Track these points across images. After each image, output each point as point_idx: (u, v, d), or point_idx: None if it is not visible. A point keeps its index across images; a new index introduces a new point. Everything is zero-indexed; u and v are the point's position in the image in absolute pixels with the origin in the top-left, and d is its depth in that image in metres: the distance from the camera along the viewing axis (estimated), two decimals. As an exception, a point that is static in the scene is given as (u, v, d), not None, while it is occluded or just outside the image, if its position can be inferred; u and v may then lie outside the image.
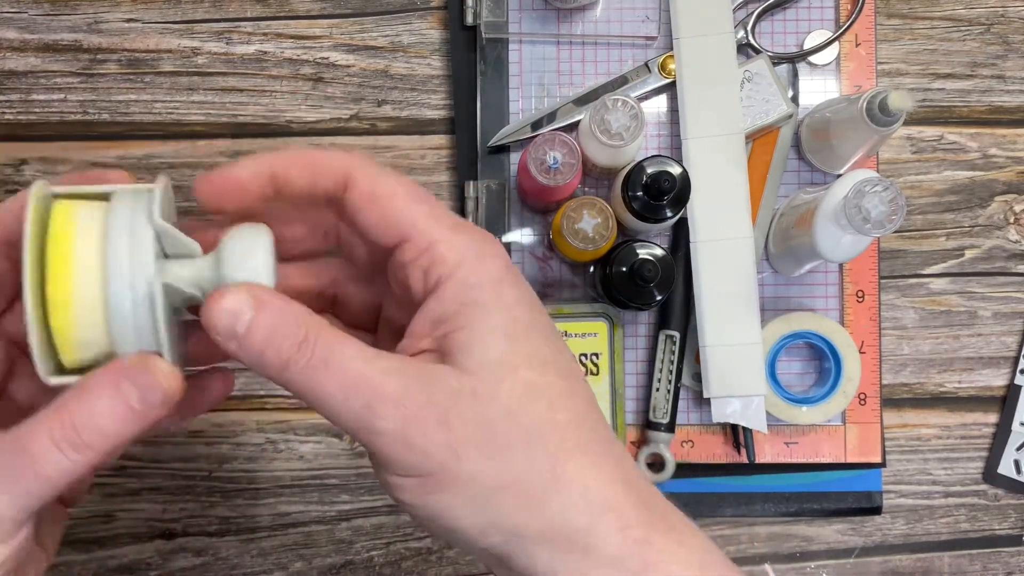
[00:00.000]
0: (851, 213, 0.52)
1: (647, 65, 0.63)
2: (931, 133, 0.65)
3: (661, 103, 0.64)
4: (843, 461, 0.63)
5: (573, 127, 0.63)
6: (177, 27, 0.64)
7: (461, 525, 0.34)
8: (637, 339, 0.64)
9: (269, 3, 0.65)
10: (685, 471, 0.63)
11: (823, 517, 0.65)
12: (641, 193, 0.56)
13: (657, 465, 0.63)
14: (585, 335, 0.63)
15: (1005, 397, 0.65)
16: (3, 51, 0.64)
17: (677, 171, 0.56)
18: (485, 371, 0.34)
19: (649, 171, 0.56)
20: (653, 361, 0.63)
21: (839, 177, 0.56)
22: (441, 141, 0.65)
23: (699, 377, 0.62)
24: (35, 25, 0.64)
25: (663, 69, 0.63)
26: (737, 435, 0.63)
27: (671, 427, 0.62)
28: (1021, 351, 0.65)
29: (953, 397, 0.65)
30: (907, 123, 0.64)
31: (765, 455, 0.63)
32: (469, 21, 0.63)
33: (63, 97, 0.64)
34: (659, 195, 0.56)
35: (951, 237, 0.65)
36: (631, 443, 0.63)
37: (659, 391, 0.62)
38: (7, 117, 0.64)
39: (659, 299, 0.58)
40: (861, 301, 0.64)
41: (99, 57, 0.64)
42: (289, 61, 0.64)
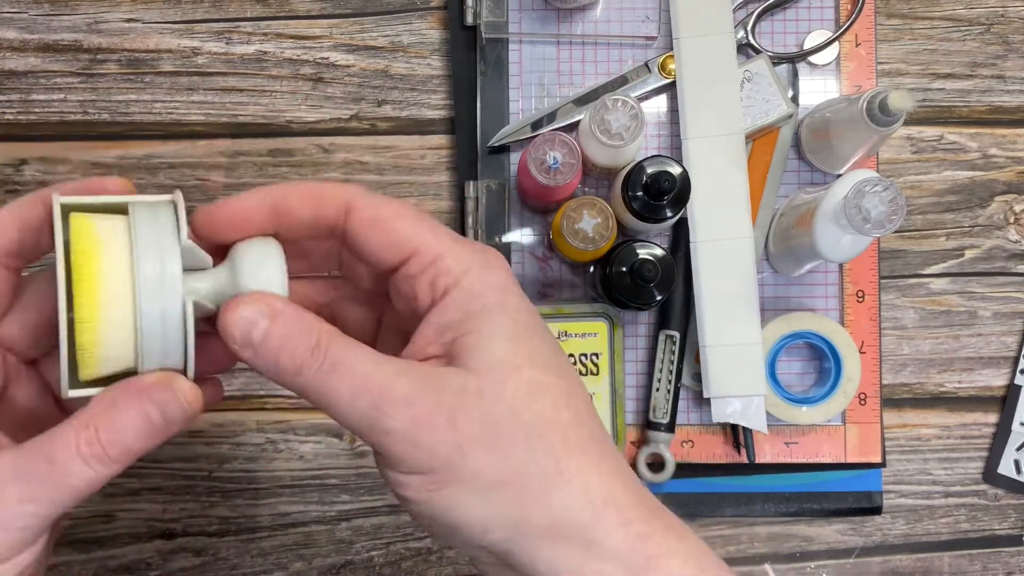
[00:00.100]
0: (851, 213, 0.52)
1: (647, 65, 0.63)
2: (931, 133, 0.65)
3: (661, 103, 0.64)
4: (843, 461, 0.63)
5: (573, 127, 0.63)
6: (177, 27, 0.64)
7: (464, 521, 0.35)
8: (637, 339, 0.64)
9: (269, 3, 0.65)
10: (685, 471, 0.63)
11: (823, 517, 0.64)
12: (641, 193, 0.56)
13: (657, 465, 0.63)
14: (585, 335, 0.63)
15: (1005, 397, 0.65)
16: (3, 51, 0.64)
17: (677, 171, 0.56)
18: (490, 371, 0.35)
19: (649, 171, 0.56)
20: (653, 361, 0.63)
21: (839, 177, 0.56)
22: (441, 141, 0.65)
23: (699, 377, 0.62)
24: (35, 25, 0.64)
25: (663, 69, 0.63)
26: (737, 435, 0.63)
27: (671, 427, 0.62)
28: (1021, 351, 0.65)
29: (953, 397, 0.65)
30: (907, 123, 0.64)
31: (765, 455, 0.63)
32: (469, 21, 0.63)
33: (63, 97, 0.64)
34: (659, 195, 0.56)
35: (951, 237, 0.65)
36: (631, 443, 0.63)
37: (659, 391, 0.62)
38: (7, 117, 0.64)
39: (659, 299, 0.58)
40: (861, 301, 0.64)
41: (99, 57, 0.64)
42: (289, 61, 0.64)
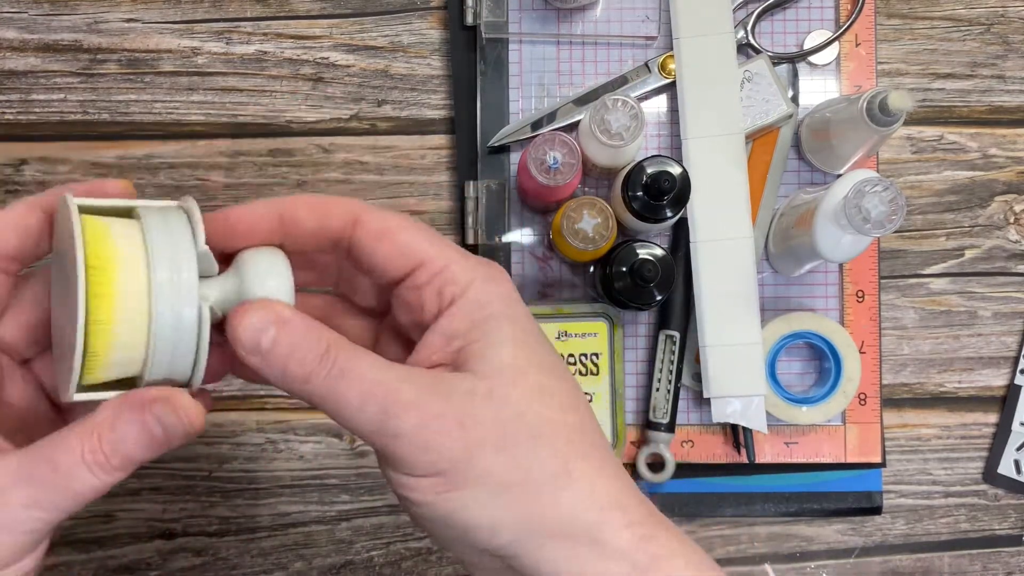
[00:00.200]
0: (851, 213, 0.52)
1: (647, 65, 0.63)
2: (931, 133, 0.65)
3: (661, 103, 0.64)
4: (843, 461, 0.63)
5: (573, 127, 0.63)
6: (177, 27, 0.64)
7: (473, 524, 0.35)
8: (637, 339, 0.64)
9: (269, 3, 0.65)
10: (685, 471, 0.63)
11: (823, 517, 0.64)
12: (641, 193, 0.56)
13: (657, 465, 0.63)
14: (585, 335, 0.63)
15: (1005, 397, 0.65)
16: (3, 51, 0.64)
17: (677, 171, 0.56)
18: (499, 374, 0.36)
19: (649, 171, 0.56)
20: (653, 361, 0.63)
21: (839, 177, 0.56)
22: (441, 141, 0.65)
23: (699, 377, 0.62)
24: (35, 25, 0.64)
25: (663, 69, 0.63)
26: (737, 435, 0.63)
27: (671, 427, 0.62)
28: (1021, 351, 0.65)
29: (953, 397, 0.65)
30: (907, 123, 0.64)
31: (765, 455, 0.63)
32: (469, 21, 0.63)
33: (63, 97, 0.64)
34: (659, 195, 0.56)
35: (951, 237, 0.65)
36: (631, 443, 0.63)
37: (659, 391, 0.62)
38: (7, 117, 0.64)
39: (659, 299, 0.58)
40: (861, 301, 0.64)
41: (99, 57, 0.64)
42: (289, 61, 0.64)
